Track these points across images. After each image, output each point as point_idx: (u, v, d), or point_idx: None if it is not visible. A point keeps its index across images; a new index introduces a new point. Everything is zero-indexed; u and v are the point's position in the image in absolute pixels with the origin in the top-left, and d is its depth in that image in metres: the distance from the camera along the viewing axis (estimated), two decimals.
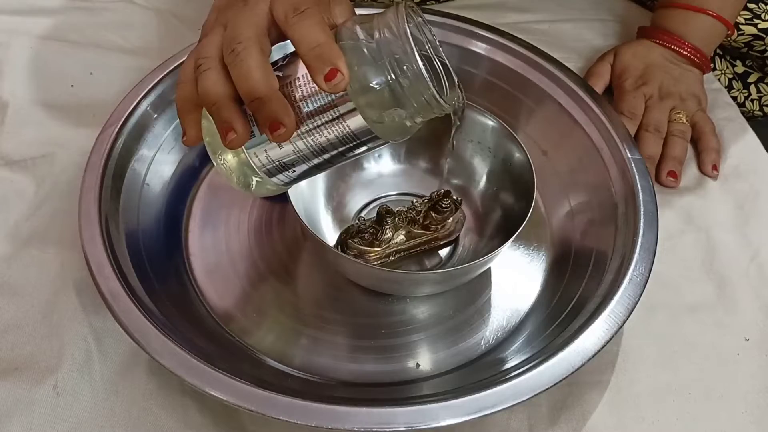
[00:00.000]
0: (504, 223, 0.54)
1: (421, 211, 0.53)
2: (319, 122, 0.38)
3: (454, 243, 0.55)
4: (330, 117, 0.38)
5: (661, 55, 0.68)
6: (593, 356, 0.43)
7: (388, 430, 0.39)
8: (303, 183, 0.54)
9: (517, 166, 0.53)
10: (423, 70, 0.37)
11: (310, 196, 0.55)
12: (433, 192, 0.54)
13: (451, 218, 0.53)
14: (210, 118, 0.39)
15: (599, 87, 0.67)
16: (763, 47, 0.74)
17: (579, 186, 0.56)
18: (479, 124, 0.55)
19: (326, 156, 0.40)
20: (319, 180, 0.56)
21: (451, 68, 0.42)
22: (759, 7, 0.72)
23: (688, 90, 0.66)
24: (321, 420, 0.39)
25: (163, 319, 0.44)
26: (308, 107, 0.38)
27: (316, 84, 0.36)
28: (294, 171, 0.41)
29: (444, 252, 0.55)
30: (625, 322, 0.45)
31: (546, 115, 0.59)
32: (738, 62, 0.78)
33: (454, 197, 0.53)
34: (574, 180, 0.57)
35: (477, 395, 0.40)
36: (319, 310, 0.52)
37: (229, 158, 0.41)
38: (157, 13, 0.72)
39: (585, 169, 0.56)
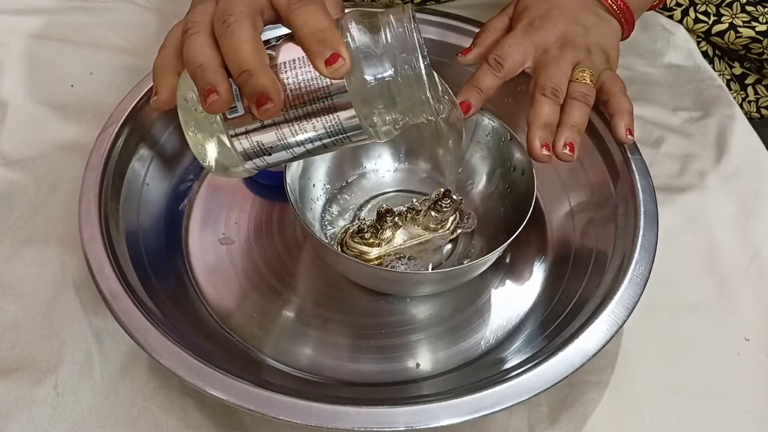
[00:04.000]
0: (504, 223, 0.54)
1: (421, 211, 0.53)
2: (309, 109, 0.38)
3: (454, 242, 0.55)
4: (321, 105, 0.37)
5: None
6: (593, 356, 0.43)
7: (388, 430, 0.39)
8: (303, 182, 0.54)
9: (517, 166, 0.53)
10: (424, 71, 0.37)
11: (310, 196, 0.55)
12: (434, 192, 0.54)
13: (452, 217, 0.53)
14: (188, 92, 0.38)
15: (484, 44, 0.54)
16: (761, 50, 0.74)
17: (579, 186, 0.56)
18: (479, 124, 0.55)
19: (308, 145, 0.39)
20: (320, 179, 0.56)
21: (436, 75, 0.43)
22: (757, 10, 0.72)
23: (597, 43, 0.53)
24: (321, 420, 0.39)
25: (163, 319, 0.44)
26: (299, 91, 0.37)
27: (316, 68, 0.35)
28: (271, 156, 0.40)
29: (444, 252, 0.55)
30: (625, 322, 0.45)
31: None
32: (736, 64, 0.78)
33: (454, 197, 0.53)
34: (574, 180, 0.57)
35: (477, 395, 0.40)
36: (319, 310, 0.52)
37: (207, 136, 0.40)
38: (157, 13, 0.72)
39: (585, 169, 0.56)
